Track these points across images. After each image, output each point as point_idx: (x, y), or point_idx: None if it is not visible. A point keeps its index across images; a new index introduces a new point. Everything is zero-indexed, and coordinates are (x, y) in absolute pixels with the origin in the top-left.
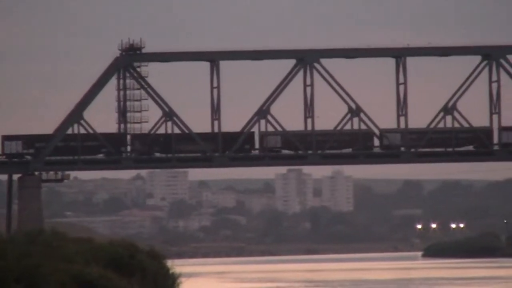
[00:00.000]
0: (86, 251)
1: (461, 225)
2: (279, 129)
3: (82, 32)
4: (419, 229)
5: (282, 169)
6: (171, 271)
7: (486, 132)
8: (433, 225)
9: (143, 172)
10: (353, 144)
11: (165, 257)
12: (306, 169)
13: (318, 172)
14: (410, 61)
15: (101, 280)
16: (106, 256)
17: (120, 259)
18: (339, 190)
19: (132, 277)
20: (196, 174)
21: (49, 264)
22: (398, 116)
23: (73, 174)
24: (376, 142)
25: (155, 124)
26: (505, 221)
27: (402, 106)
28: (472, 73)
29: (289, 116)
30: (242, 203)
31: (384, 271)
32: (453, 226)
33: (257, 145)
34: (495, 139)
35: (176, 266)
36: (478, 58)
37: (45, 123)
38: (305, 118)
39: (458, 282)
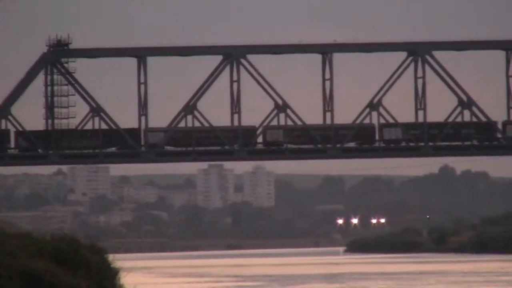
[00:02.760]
0: (28, 246)
1: (382, 221)
2: (206, 124)
3: (10, 28)
4: (340, 224)
5: (203, 165)
6: (112, 266)
7: (369, 129)
8: (354, 221)
9: (64, 168)
10: (233, 141)
11: (106, 251)
12: (228, 164)
13: (239, 167)
14: (337, 57)
15: (47, 275)
16: (49, 251)
17: (64, 254)
18: (260, 186)
19: (77, 272)
20: (118, 169)
21: None
22: (324, 111)
23: None
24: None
25: (82, 120)
26: (427, 216)
27: (328, 102)
28: (398, 69)
29: (216, 111)
30: (164, 199)
31: (310, 266)
32: (374, 221)
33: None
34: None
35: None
36: (404, 54)
37: None
38: (232, 113)
39: (385, 277)
